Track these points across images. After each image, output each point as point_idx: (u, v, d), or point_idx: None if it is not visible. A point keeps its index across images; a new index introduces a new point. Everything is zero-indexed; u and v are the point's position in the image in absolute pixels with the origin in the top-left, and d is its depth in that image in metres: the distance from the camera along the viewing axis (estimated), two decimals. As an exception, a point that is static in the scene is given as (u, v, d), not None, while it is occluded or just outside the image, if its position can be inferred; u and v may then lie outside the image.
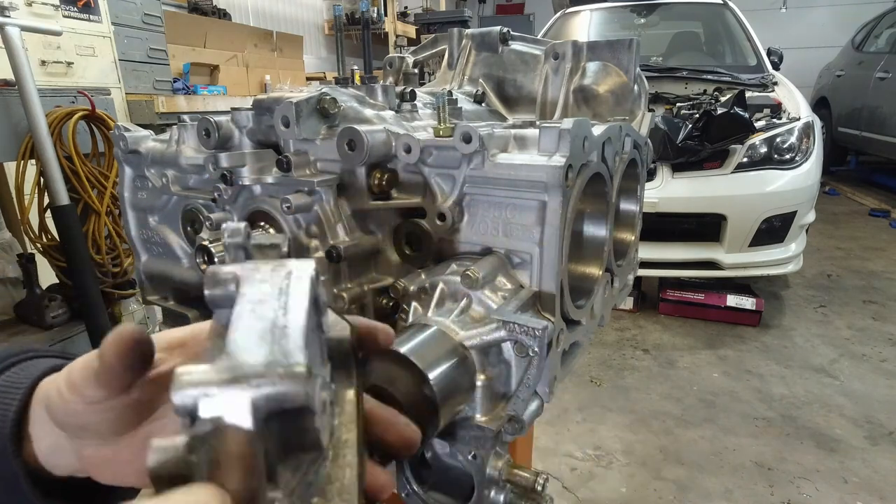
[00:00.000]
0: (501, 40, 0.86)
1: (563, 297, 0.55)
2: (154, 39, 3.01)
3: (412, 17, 8.51)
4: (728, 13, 4.15)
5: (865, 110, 5.81)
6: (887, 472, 1.89)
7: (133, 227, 0.81)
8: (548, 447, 2.05)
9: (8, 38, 1.88)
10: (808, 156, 2.86)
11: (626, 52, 0.74)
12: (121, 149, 0.71)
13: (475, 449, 0.47)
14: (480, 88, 0.87)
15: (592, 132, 0.45)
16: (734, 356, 2.68)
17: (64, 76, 2.46)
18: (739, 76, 3.37)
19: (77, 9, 2.47)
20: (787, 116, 3.03)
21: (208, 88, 4.12)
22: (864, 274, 3.71)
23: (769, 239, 2.83)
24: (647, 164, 0.62)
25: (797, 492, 1.82)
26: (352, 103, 0.65)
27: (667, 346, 2.79)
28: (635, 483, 1.88)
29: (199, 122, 0.61)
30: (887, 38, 5.85)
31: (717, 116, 2.67)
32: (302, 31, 7.00)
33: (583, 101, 0.77)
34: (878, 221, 5.02)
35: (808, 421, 2.18)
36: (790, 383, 2.44)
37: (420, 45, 0.99)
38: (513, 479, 0.50)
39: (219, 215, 0.66)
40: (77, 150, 2.13)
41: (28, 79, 1.91)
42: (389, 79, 0.96)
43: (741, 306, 2.93)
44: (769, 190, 2.77)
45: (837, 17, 9.13)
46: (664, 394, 2.38)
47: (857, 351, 2.71)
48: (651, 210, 2.76)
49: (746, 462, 1.95)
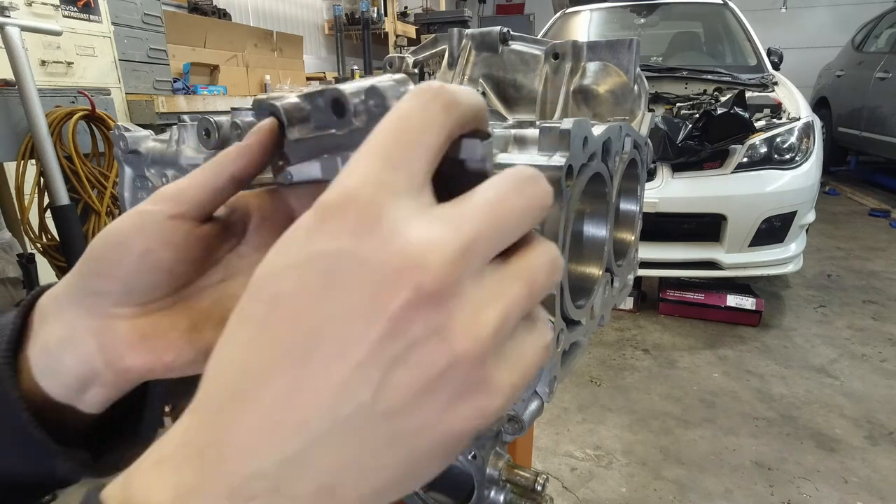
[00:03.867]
0: (501, 40, 0.86)
1: (563, 297, 0.55)
2: (154, 39, 3.01)
3: (412, 17, 8.51)
4: (728, 13, 4.15)
5: (865, 110, 5.81)
6: (887, 472, 1.90)
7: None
8: (548, 447, 2.06)
9: (8, 38, 1.88)
10: (808, 156, 2.86)
11: (626, 52, 0.74)
12: (121, 149, 0.71)
13: (475, 449, 0.47)
14: (480, 88, 0.87)
15: (592, 132, 0.45)
16: (734, 356, 2.68)
17: (64, 76, 2.46)
18: (739, 76, 3.36)
19: (77, 9, 2.47)
20: (787, 116, 3.03)
21: (208, 88, 4.12)
22: (864, 274, 3.71)
23: (769, 239, 2.83)
24: (647, 164, 0.62)
25: (797, 492, 1.82)
26: (352, 103, 0.65)
27: (667, 346, 2.79)
28: (635, 483, 1.88)
29: (199, 122, 0.61)
30: (887, 38, 5.85)
31: (717, 116, 2.67)
32: (302, 31, 7.00)
33: (583, 101, 0.77)
34: (878, 221, 5.02)
35: (808, 421, 2.18)
36: (790, 383, 2.44)
37: (420, 45, 0.99)
38: (513, 479, 0.50)
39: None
40: (77, 150, 2.13)
41: (28, 79, 1.91)
42: (389, 79, 0.96)
43: (741, 306, 2.93)
44: (769, 190, 2.77)
45: (837, 17, 9.13)
46: (664, 394, 2.38)
47: (857, 351, 2.71)
48: (651, 210, 2.76)
49: (746, 462, 1.96)
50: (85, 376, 0.31)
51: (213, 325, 0.33)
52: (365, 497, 0.20)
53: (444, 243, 0.19)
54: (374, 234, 0.20)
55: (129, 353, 0.31)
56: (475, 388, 0.20)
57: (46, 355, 0.31)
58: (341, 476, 0.19)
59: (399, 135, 0.21)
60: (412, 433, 0.20)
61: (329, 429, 0.19)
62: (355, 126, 0.28)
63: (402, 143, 0.21)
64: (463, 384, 0.20)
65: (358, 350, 0.19)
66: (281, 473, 0.19)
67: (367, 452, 0.20)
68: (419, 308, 0.19)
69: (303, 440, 0.19)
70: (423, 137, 0.22)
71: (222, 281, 0.34)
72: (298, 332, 0.20)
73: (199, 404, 0.21)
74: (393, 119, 0.22)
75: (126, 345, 0.31)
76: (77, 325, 0.31)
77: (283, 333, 0.20)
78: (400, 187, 0.21)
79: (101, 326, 0.31)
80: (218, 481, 0.19)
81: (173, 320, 0.32)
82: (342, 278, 0.19)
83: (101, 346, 0.30)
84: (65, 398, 0.31)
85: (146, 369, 0.31)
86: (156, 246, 0.30)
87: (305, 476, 0.19)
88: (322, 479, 0.19)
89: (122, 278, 0.30)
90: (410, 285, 0.19)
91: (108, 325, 0.31)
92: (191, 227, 0.31)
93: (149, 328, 0.31)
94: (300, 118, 0.31)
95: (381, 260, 0.19)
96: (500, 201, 0.21)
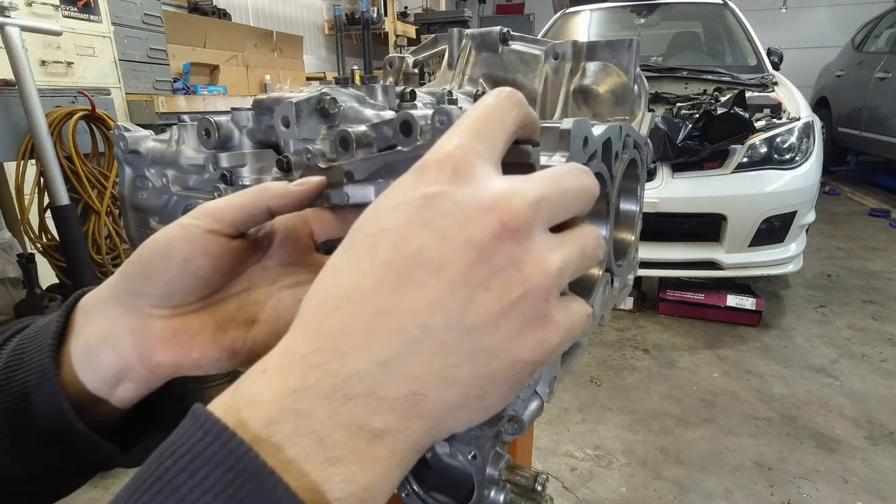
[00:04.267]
0: (501, 40, 0.86)
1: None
2: (154, 39, 3.01)
3: (412, 17, 8.50)
4: (728, 13, 4.15)
5: (865, 110, 5.81)
6: (887, 472, 1.90)
7: (133, 227, 0.81)
8: (548, 447, 2.06)
9: (8, 38, 1.88)
10: (808, 156, 2.86)
11: (626, 52, 0.74)
12: (121, 149, 0.71)
13: (475, 449, 0.47)
14: (480, 88, 0.87)
15: (592, 132, 0.45)
16: (734, 356, 2.68)
17: (64, 76, 2.46)
18: (739, 76, 3.36)
19: (77, 9, 2.48)
20: (787, 116, 3.03)
21: (208, 88, 4.12)
22: (864, 274, 3.71)
23: (769, 239, 2.83)
24: (647, 164, 0.62)
25: (797, 492, 1.82)
26: (352, 103, 0.65)
27: (667, 346, 2.79)
28: (635, 483, 1.88)
29: (199, 122, 0.61)
30: (887, 38, 5.85)
31: (717, 116, 2.67)
32: (302, 31, 7.00)
33: (583, 101, 0.77)
34: (878, 221, 5.02)
35: (808, 421, 2.18)
36: (790, 383, 2.44)
37: (420, 45, 0.99)
38: (513, 479, 0.50)
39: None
40: (77, 150, 2.13)
41: (28, 79, 1.91)
42: (389, 79, 0.96)
43: (741, 306, 2.93)
44: (769, 190, 2.77)
45: (837, 17, 9.13)
46: (664, 394, 2.38)
47: (857, 351, 2.71)
48: (651, 210, 2.76)
49: (746, 462, 1.95)
50: (120, 370, 0.34)
51: (237, 327, 0.37)
52: (441, 411, 0.23)
53: (524, 192, 0.24)
54: (468, 181, 0.24)
55: (161, 348, 0.34)
56: (540, 321, 0.24)
57: (87, 350, 0.34)
58: (427, 385, 0.23)
59: (485, 117, 0.27)
60: (487, 351, 0.23)
61: (421, 336, 0.22)
62: (421, 143, 0.35)
63: (488, 123, 0.27)
64: (531, 315, 0.24)
65: (451, 271, 0.23)
66: (377, 375, 0.22)
67: (450, 363, 0.23)
68: (503, 240, 0.23)
69: (399, 345, 0.22)
70: (502, 121, 0.28)
71: (246, 289, 0.38)
72: (401, 254, 0.23)
73: (301, 321, 0.24)
74: (479, 107, 0.28)
75: (159, 341, 0.34)
76: (116, 323, 0.34)
77: (387, 255, 0.23)
78: (484, 154, 0.26)
79: (138, 325, 0.34)
80: (320, 383, 0.22)
81: (202, 322, 0.36)
82: (441, 213, 0.24)
83: (135, 342, 0.34)
84: (101, 391, 0.34)
85: (174, 365, 0.34)
86: (195, 255, 0.34)
87: (397, 381, 0.22)
88: (411, 386, 0.23)
89: (164, 281, 0.34)
90: (498, 220, 0.23)
91: (144, 324, 0.34)
92: (225, 241, 0.35)
93: (180, 327, 0.35)
94: (366, 143, 0.38)
95: (475, 200, 0.24)
96: (561, 178, 0.26)
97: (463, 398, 0.23)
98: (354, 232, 0.25)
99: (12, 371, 0.34)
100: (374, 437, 0.22)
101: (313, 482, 0.21)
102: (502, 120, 0.28)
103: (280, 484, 0.20)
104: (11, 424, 0.33)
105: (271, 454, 0.21)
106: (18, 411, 0.33)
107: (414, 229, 0.24)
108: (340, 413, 0.22)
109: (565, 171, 0.27)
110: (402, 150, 0.36)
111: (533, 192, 0.25)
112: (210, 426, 0.22)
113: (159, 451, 0.22)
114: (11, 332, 0.36)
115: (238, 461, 0.20)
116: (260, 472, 0.20)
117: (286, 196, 0.36)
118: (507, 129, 0.28)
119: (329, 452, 0.21)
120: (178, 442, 0.22)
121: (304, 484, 0.21)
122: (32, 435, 0.33)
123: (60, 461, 0.34)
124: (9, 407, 0.33)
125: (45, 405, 0.33)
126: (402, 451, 0.23)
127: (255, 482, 0.20)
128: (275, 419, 0.22)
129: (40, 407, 0.33)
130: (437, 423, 0.24)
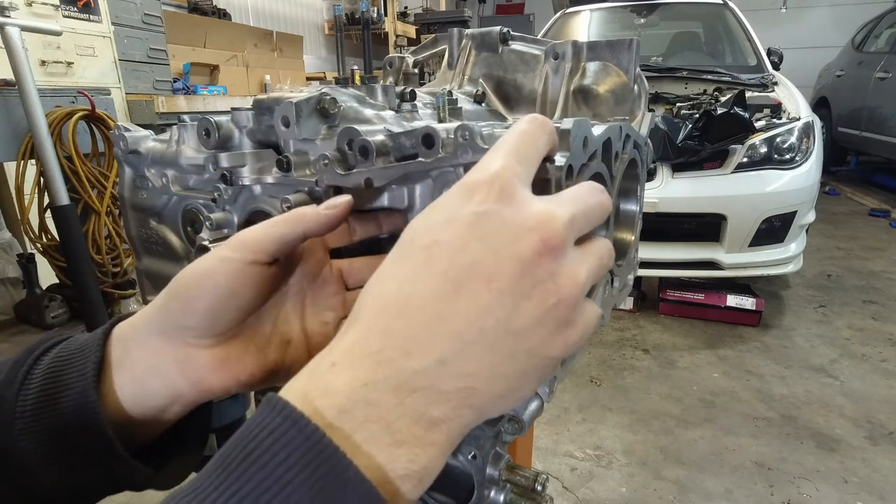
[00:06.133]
0: (501, 40, 0.86)
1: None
2: (154, 39, 3.01)
3: (412, 17, 8.50)
4: (728, 13, 4.15)
5: (865, 110, 5.81)
6: (887, 472, 1.90)
7: (133, 227, 0.81)
8: (548, 447, 2.05)
9: (8, 38, 1.88)
10: (808, 156, 2.86)
11: (626, 52, 0.74)
12: (121, 149, 0.71)
13: (475, 449, 0.47)
14: (480, 88, 0.87)
15: (592, 132, 0.45)
16: (734, 356, 2.68)
17: (64, 76, 2.46)
18: (739, 76, 3.36)
19: (77, 9, 2.48)
20: (787, 116, 3.03)
21: (208, 88, 4.12)
22: (864, 274, 3.71)
23: (769, 239, 2.83)
24: (647, 164, 0.62)
25: (797, 492, 1.82)
26: (352, 103, 0.65)
27: (667, 346, 2.79)
28: (635, 483, 1.88)
29: (199, 122, 0.61)
30: (887, 38, 5.85)
31: (717, 116, 2.67)
32: (302, 31, 7.00)
33: (583, 101, 0.77)
34: (878, 221, 5.02)
35: (808, 421, 2.18)
36: (790, 383, 2.44)
37: (420, 45, 0.99)
38: (513, 479, 0.50)
39: (219, 215, 0.65)
40: (77, 150, 2.13)
41: (28, 79, 1.91)
42: (389, 79, 0.96)
43: (741, 306, 2.93)
44: (769, 190, 2.77)
45: (837, 17, 9.13)
46: (664, 394, 2.38)
47: (857, 351, 2.71)
48: (651, 210, 2.76)
49: (746, 462, 1.95)
50: (171, 398, 0.36)
51: (275, 347, 0.40)
52: (487, 402, 0.27)
53: (560, 214, 0.28)
54: (512, 202, 0.28)
55: (210, 376, 0.36)
56: (567, 324, 0.28)
57: (133, 383, 0.36)
58: (478, 379, 0.26)
59: (524, 141, 0.31)
60: (526, 351, 0.27)
61: (475, 339, 0.26)
62: (442, 155, 0.38)
63: (525, 147, 0.31)
64: (561, 320, 0.28)
65: (500, 282, 0.27)
66: (437, 372, 0.26)
67: (496, 361, 0.27)
68: (543, 256, 0.27)
69: (456, 346, 0.26)
70: (536, 145, 0.32)
71: (276, 307, 0.41)
72: (455, 266, 0.27)
73: (364, 322, 0.27)
74: (517, 132, 0.32)
75: (208, 370, 0.36)
76: (161, 354, 0.36)
77: (442, 267, 0.27)
78: (523, 176, 0.30)
79: (183, 355, 0.36)
80: (388, 377, 0.25)
81: (244, 345, 0.38)
82: (490, 230, 0.27)
83: (183, 371, 0.36)
84: (149, 417, 0.37)
85: (224, 388, 0.37)
86: (238, 286, 0.36)
87: (454, 376, 0.26)
88: (465, 381, 0.26)
89: (207, 314, 0.36)
90: (540, 239, 0.27)
91: (189, 354, 0.36)
92: (264, 270, 0.37)
93: (225, 355, 0.37)
94: (384, 152, 0.40)
95: (520, 220, 0.28)
96: (584, 198, 0.31)
97: (506, 390, 0.27)
98: (407, 243, 0.29)
99: (52, 395, 0.35)
100: (432, 425, 0.26)
101: (378, 463, 0.24)
102: (536, 144, 0.32)
103: (351, 466, 0.24)
104: (53, 446, 0.34)
105: (343, 438, 0.24)
106: (59, 432, 0.34)
107: (467, 244, 0.27)
108: (405, 403, 0.25)
109: (587, 190, 0.31)
110: (422, 161, 0.38)
111: (566, 213, 0.28)
112: (287, 413, 0.25)
113: (238, 435, 0.25)
114: (41, 350, 0.37)
115: (315, 445, 0.24)
116: (334, 455, 0.24)
117: (320, 222, 0.38)
118: (541, 153, 0.32)
119: (395, 437, 0.25)
120: (258, 427, 0.25)
121: (372, 464, 0.24)
122: (72, 456, 0.35)
123: (97, 479, 0.36)
124: (50, 430, 0.34)
125: (86, 430, 0.34)
126: (453, 436, 0.27)
127: (330, 464, 0.24)
128: (347, 408, 0.25)
129: (82, 431, 0.34)
130: (483, 412, 0.27)
